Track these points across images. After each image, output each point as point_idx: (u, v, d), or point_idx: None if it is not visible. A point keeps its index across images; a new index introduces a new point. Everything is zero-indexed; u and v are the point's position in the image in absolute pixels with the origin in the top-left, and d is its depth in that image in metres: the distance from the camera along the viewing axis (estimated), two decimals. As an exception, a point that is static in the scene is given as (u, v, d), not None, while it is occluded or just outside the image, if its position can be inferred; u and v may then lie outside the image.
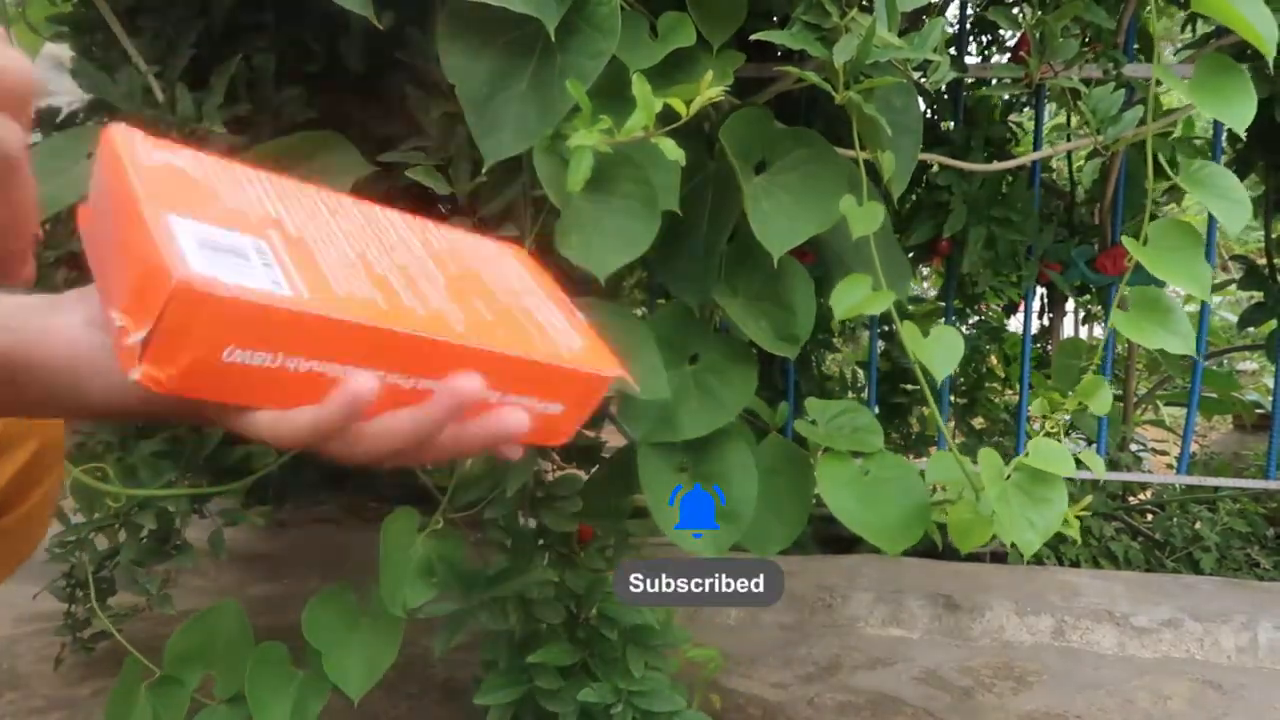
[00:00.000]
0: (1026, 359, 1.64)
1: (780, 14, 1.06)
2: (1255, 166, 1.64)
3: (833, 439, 0.97)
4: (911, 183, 1.00)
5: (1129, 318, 0.94)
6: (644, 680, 0.98)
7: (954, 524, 0.89)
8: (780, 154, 0.94)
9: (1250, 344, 2.39)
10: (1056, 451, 0.87)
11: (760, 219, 0.89)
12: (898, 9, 0.85)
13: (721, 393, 0.96)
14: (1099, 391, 0.91)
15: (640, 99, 0.74)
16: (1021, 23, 1.17)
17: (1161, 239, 0.95)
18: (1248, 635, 1.39)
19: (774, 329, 0.99)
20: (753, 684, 1.29)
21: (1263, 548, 1.83)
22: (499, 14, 0.77)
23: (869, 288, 0.89)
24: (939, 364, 0.88)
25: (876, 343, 1.71)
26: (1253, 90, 0.93)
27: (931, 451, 1.91)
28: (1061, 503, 0.85)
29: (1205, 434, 2.86)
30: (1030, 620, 1.45)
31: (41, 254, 1.03)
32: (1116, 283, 1.54)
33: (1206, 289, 0.95)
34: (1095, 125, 0.98)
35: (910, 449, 2.00)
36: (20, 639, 1.35)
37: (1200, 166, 0.95)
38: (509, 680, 1.00)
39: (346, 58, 1.03)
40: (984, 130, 1.55)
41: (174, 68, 0.97)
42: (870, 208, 0.88)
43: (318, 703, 0.97)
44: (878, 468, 0.95)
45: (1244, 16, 0.87)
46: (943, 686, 1.29)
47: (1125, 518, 1.90)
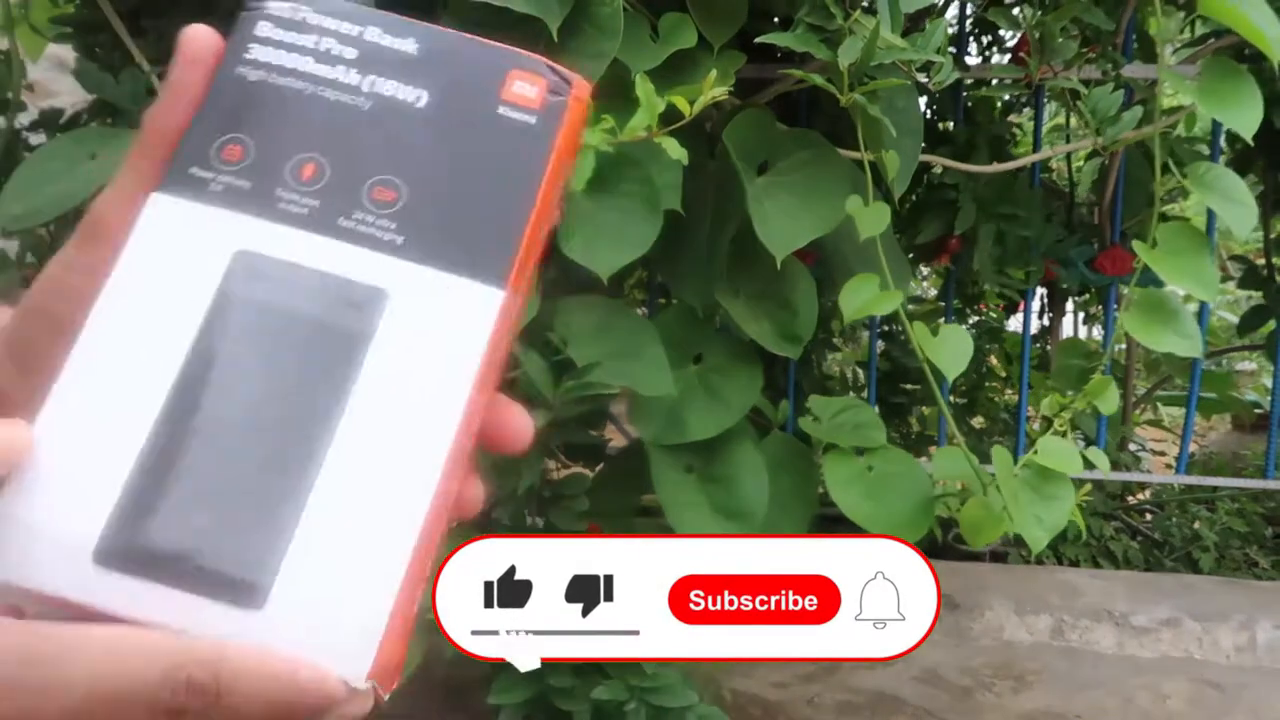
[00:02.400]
0: (1026, 359, 1.64)
1: (781, 15, 1.07)
2: (1254, 166, 1.65)
3: (835, 435, 0.97)
4: (912, 182, 1.00)
5: (1136, 319, 0.95)
6: (656, 677, 0.98)
7: (966, 521, 0.89)
8: (782, 155, 0.95)
9: (1249, 344, 2.39)
10: (1064, 450, 0.87)
11: (763, 220, 0.89)
12: (901, 10, 0.85)
13: (727, 393, 0.97)
14: (1107, 391, 0.91)
15: (644, 99, 0.74)
16: (1021, 23, 1.18)
17: (1166, 241, 0.95)
18: (1246, 634, 1.39)
19: (776, 329, 0.99)
20: (752, 683, 1.29)
21: (1261, 547, 1.83)
22: (501, 14, 0.77)
23: (877, 288, 0.89)
24: (949, 364, 0.88)
25: (876, 343, 1.71)
26: (1259, 95, 0.94)
27: (932, 451, 1.91)
28: (1069, 500, 0.86)
29: (1204, 434, 2.86)
30: (1030, 620, 1.45)
31: (47, 256, 1.03)
32: (1116, 283, 1.54)
33: (1213, 292, 0.95)
34: (1094, 126, 0.99)
35: (911, 448, 2.00)
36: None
37: (1206, 169, 0.95)
38: (521, 679, 1.00)
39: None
40: (986, 130, 1.55)
41: (177, 68, 0.97)
42: (876, 208, 0.88)
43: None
44: (881, 463, 0.96)
45: (1249, 19, 0.87)
46: (942, 686, 1.29)
47: (1124, 517, 1.90)
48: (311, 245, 0.27)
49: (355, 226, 0.28)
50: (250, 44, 0.29)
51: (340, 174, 0.28)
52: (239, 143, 0.28)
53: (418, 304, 0.27)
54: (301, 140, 0.28)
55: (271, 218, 0.27)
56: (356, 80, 0.29)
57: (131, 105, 0.92)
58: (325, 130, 0.28)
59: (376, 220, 0.28)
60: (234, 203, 0.27)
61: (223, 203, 0.27)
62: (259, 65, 0.29)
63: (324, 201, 0.28)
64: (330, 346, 0.26)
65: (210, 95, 0.29)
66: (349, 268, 0.27)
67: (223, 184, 0.28)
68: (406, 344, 0.27)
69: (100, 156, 0.90)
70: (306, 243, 0.27)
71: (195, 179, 0.28)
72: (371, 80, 0.29)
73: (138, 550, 0.24)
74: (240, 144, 0.28)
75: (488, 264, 0.28)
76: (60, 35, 1.08)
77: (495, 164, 0.29)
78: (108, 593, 0.24)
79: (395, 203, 0.28)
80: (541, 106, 0.29)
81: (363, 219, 0.28)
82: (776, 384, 1.54)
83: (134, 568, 0.24)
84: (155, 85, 0.95)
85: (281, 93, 0.29)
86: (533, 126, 0.29)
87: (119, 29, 0.95)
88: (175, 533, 0.25)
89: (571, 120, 0.30)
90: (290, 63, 0.29)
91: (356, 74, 0.29)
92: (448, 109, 0.29)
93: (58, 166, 0.89)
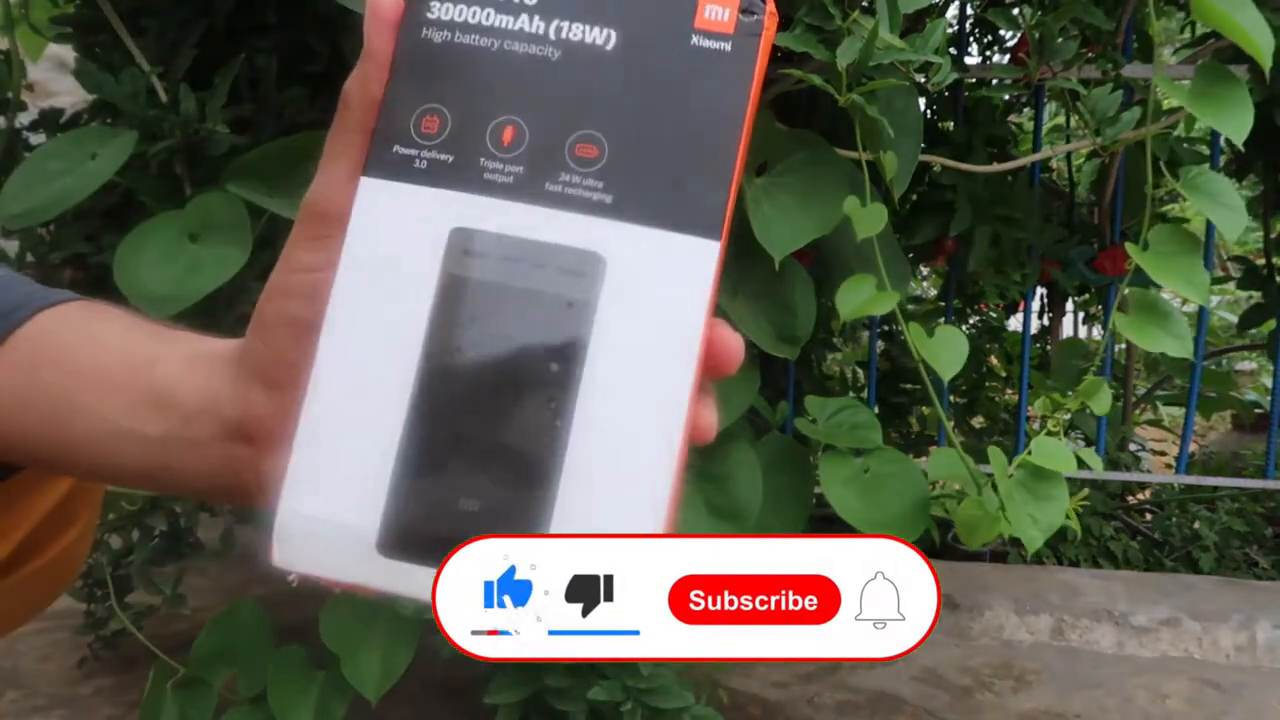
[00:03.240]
0: (1026, 359, 1.64)
1: (780, 15, 1.07)
2: (1254, 167, 1.65)
3: (832, 436, 0.97)
4: (911, 183, 1.00)
5: (1130, 320, 0.95)
6: (652, 678, 0.99)
7: (962, 521, 0.89)
8: (781, 156, 0.95)
9: (1249, 344, 2.39)
10: (1058, 450, 0.88)
11: (762, 221, 0.89)
12: (900, 11, 0.85)
13: (724, 393, 0.97)
14: (1100, 391, 0.92)
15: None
16: (1021, 23, 1.18)
17: (1160, 243, 0.96)
18: (1246, 634, 1.39)
19: (775, 330, 0.99)
20: (752, 683, 1.29)
21: (1261, 547, 1.83)
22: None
23: (874, 288, 0.89)
24: (945, 365, 0.88)
25: (876, 342, 1.71)
26: (1250, 100, 0.94)
27: (931, 451, 1.91)
28: (1063, 500, 0.86)
29: (1204, 434, 2.86)
30: (1029, 619, 1.45)
31: (47, 255, 1.04)
32: (1116, 283, 1.54)
33: (1205, 294, 0.96)
34: (1094, 126, 0.99)
35: (910, 448, 2.00)
36: (22, 637, 1.35)
37: (1198, 173, 0.96)
38: (518, 679, 1.00)
39: (349, 57, 1.04)
40: (985, 130, 1.55)
41: (177, 68, 0.97)
42: (874, 209, 0.88)
43: (341, 706, 0.98)
44: (878, 464, 0.96)
45: (1242, 26, 0.88)
46: (942, 685, 1.29)
47: (1124, 517, 1.90)
48: (523, 215, 0.27)
49: (563, 190, 0.27)
50: (431, 2, 0.28)
51: (540, 135, 0.28)
52: (435, 113, 0.28)
53: (638, 265, 0.27)
54: (496, 102, 0.28)
55: (480, 190, 0.27)
56: (542, 28, 0.28)
57: (131, 105, 0.92)
58: (518, 88, 0.28)
59: (584, 180, 0.27)
60: (441, 179, 0.27)
61: (430, 180, 0.28)
62: (442, 24, 0.28)
63: (528, 167, 0.27)
64: (559, 315, 0.27)
65: (399, 62, 0.28)
66: (564, 234, 0.27)
67: (427, 160, 0.28)
68: (632, 305, 0.27)
69: (100, 156, 0.89)
70: (519, 213, 0.27)
71: (399, 158, 0.28)
72: (557, 25, 0.28)
73: (415, 539, 0.26)
74: (437, 114, 0.28)
75: (701, 216, 0.27)
76: (60, 35, 1.07)
77: (696, 103, 0.28)
78: (393, 577, 0.26)
79: (599, 159, 0.27)
80: (736, 29, 0.28)
81: (570, 180, 0.27)
82: (776, 384, 1.54)
83: (414, 554, 0.26)
84: (155, 85, 0.95)
85: (469, 52, 0.28)
86: (729, 54, 0.28)
87: (119, 29, 0.95)
88: (448, 513, 0.26)
89: (767, 38, 0.29)
90: (473, 17, 0.28)
91: (541, 21, 0.28)
92: (640, 47, 0.28)
93: (58, 166, 0.89)
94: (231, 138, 0.94)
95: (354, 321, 0.27)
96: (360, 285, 0.27)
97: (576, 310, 0.27)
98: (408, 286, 0.27)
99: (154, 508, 1.08)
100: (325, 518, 0.26)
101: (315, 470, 0.27)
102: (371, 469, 0.26)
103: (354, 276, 0.27)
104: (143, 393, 0.33)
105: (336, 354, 0.27)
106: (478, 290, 0.27)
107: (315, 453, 0.27)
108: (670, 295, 0.27)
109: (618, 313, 0.27)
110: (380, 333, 0.27)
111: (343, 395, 0.27)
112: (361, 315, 0.27)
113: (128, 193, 1.00)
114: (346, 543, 0.26)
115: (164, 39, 0.98)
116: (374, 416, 0.27)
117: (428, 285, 0.27)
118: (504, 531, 0.26)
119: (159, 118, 0.92)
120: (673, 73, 0.28)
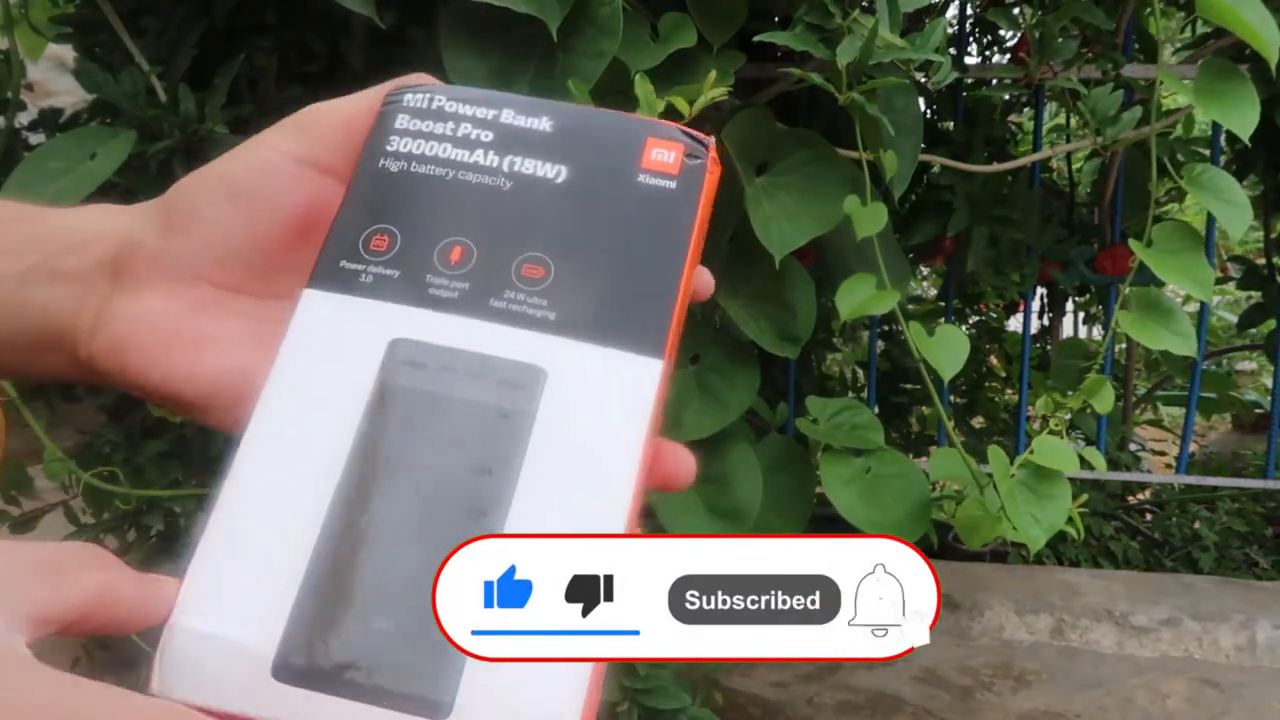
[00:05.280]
0: (1026, 359, 1.64)
1: (781, 14, 1.07)
2: (1255, 166, 1.65)
3: (833, 437, 0.97)
4: (911, 182, 1.00)
5: (1133, 318, 0.95)
6: (649, 678, 0.99)
7: (962, 521, 0.89)
8: (781, 155, 0.94)
9: (1249, 344, 2.39)
10: (1060, 449, 0.88)
11: (762, 220, 0.89)
12: (900, 10, 0.85)
13: (724, 393, 0.97)
14: (1102, 390, 0.92)
15: (643, 99, 0.74)
16: (1021, 23, 1.18)
17: (1163, 241, 0.95)
18: (1246, 634, 1.39)
19: (775, 329, 0.99)
20: (752, 683, 1.29)
21: (1261, 547, 1.83)
22: (501, 14, 0.77)
23: (873, 287, 0.89)
24: (945, 364, 0.88)
25: (876, 342, 1.71)
26: (1256, 96, 0.94)
27: (932, 451, 1.91)
28: (1065, 499, 0.86)
29: (1204, 434, 2.86)
30: (1029, 619, 1.45)
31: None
32: (1116, 283, 1.54)
33: (1208, 290, 0.96)
34: (1094, 126, 0.99)
35: (911, 448, 2.00)
36: (21, 638, 1.35)
37: (1202, 170, 0.96)
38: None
39: (348, 58, 1.04)
40: (984, 130, 1.55)
41: (176, 68, 0.97)
42: (874, 208, 0.88)
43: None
44: (879, 464, 0.96)
45: (1247, 21, 0.87)
46: (942, 685, 1.29)
47: (1124, 517, 1.90)
48: (465, 328, 0.27)
49: (507, 306, 0.28)
50: (391, 137, 0.30)
51: (488, 255, 0.28)
52: (385, 233, 0.28)
53: (579, 381, 0.27)
54: (447, 225, 0.29)
55: (423, 304, 0.27)
56: (496, 162, 0.29)
57: (131, 105, 0.92)
58: (469, 213, 0.29)
59: (528, 298, 0.28)
60: (385, 292, 0.28)
61: (374, 293, 0.28)
62: (400, 156, 0.29)
63: (474, 284, 0.28)
64: (494, 430, 0.26)
65: (354, 187, 0.29)
66: (505, 348, 0.27)
67: (373, 274, 0.28)
68: (571, 422, 0.27)
69: (100, 156, 0.89)
70: (460, 326, 0.27)
71: (344, 272, 0.28)
72: (510, 160, 0.29)
73: (317, 664, 0.24)
74: (387, 233, 0.28)
75: (645, 335, 0.28)
76: (60, 35, 1.07)
77: (641, 233, 0.29)
78: (288, 708, 0.23)
79: (545, 279, 0.28)
80: (680, 171, 0.29)
81: (514, 298, 0.28)
82: (775, 384, 1.54)
83: (314, 681, 0.23)
84: (154, 85, 0.95)
85: (424, 180, 0.29)
86: (673, 191, 0.29)
87: (119, 29, 0.95)
88: (354, 644, 0.24)
89: (710, 181, 0.30)
90: (430, 150, 0.29)
91: (495, 156, 0.29)
92: (588, 182, 0.29)
93: (57, 166, 0.89)
94: (231, 138, 0.94)
95: (278, 429, 0.26)
96: (287, 393, 0.27)
97: (513, 422, 0.26)
98: (339, 396, 0.26)
99: (151, 507, 1.08)
100: (219, 635, 0.24)
101: (215, 584, 0.25)
102: (276, 584, 0.24)
103: (282, 384, 0.27)
104: (22, 236, 0.32)
105: (254, 461, 0.26)
106: (412, 400, 0.26)
107: (216, 564, 0.25)
108: (611, 410, 0.27)
109: (556, 426, 0.26)
110: (303, 441, 0.26)
111: (253, 505, 0.25)
112: (287, 423, 0.26)
113: (127, 192, 1.00)
114: (238, 665, 0.24)
115: (163, 39, 0.98)
116: (283, 531, 0.25)
117: (360, 395, 0.26)
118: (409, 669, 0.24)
119: (158, 117, 0.92)
120: (619, 205, 0.29)
